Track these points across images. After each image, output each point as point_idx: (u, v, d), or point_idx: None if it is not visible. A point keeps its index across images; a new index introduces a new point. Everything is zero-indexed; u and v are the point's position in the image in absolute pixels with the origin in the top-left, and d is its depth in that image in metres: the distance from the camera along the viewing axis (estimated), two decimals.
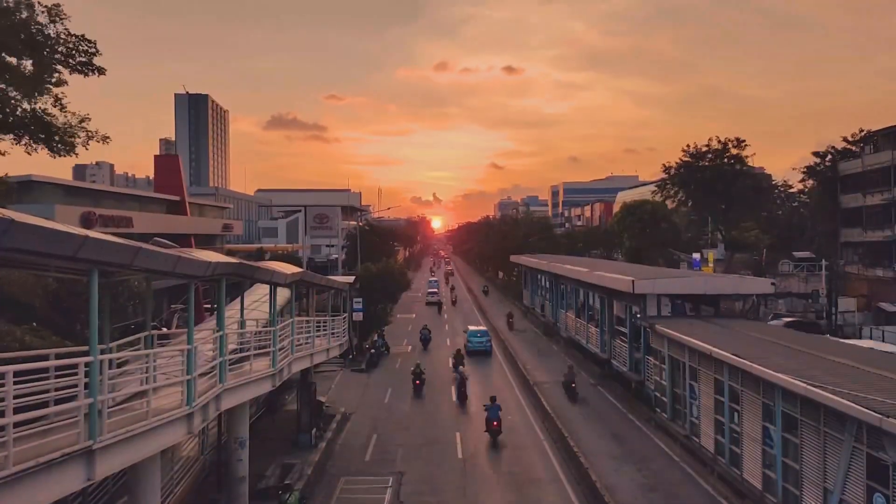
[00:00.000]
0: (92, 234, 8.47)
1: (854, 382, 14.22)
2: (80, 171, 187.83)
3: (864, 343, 32.58)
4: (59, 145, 20.10)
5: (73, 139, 20.22)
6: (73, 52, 20.03)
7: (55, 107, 20.02)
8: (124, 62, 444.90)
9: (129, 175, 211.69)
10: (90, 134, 20.61)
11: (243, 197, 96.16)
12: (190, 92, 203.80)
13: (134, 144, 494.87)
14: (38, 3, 19.38)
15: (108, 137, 21.16)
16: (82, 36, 20.18)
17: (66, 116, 20.12)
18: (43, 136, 19.82)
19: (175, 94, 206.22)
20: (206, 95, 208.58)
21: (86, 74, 20.46)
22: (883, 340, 35.19)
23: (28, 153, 20.10)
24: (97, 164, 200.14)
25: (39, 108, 19.80)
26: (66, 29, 19.72)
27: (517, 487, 19.55)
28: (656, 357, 25.55)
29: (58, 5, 19.54)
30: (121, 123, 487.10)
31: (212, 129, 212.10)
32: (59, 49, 19.83)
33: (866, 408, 12.26)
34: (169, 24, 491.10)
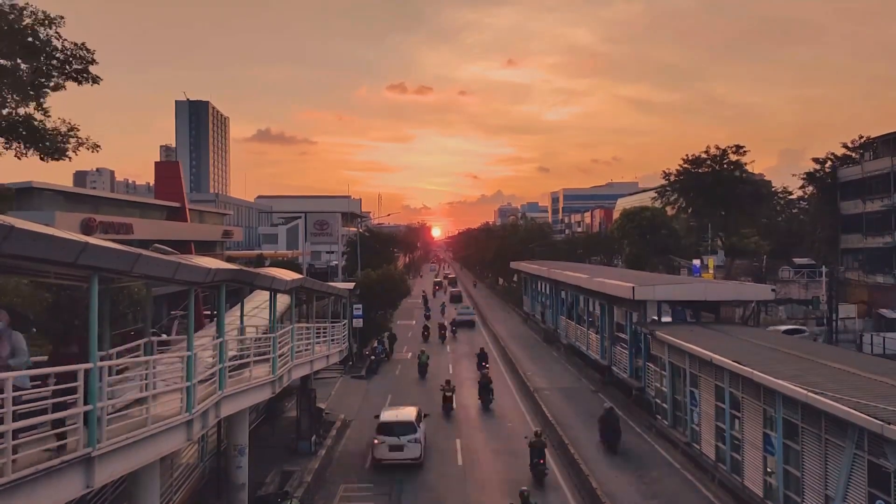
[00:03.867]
0: (92, 240, 8.47)
1: (855, 389, 14.18)
2: (80, 177, 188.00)
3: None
4: (50, 150, 20.05)
5: (63, 145, 20.17)
6: (71, 59, 20.02)
7: (37, 111, 19.94)
8: (125, 69, 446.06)
9: (130, 181, 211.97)
10: (80, 141, 20.55)
11: (243, 203, 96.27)
12: (190, 98, 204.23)
13: (134, 151, 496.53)
14: (39, 10, 19.42)
15: (98, 146, 21.06)
16: (82, 44, 20.18)
17: (52, 122, 20.09)
18: (31, 141, 19.77)
19: (175, 101, 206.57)
20: (207, 102, 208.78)
21: (79, 82, 20.44)
22: (884, 345, 35.16)
23: (18, 157, 20.07)
24: (97, 170, 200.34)
25: (24, 112, 19.75)
26: (56, 32, 19.66)
27: (517, 495, 19.43)
28: (657, 363, 25.51)
29: (60, 17, 19.58)
30: (121, 130, 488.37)
31: (212, 135, 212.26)
32: (57, 55, 19.83)
33: (868, 415, 12.22)
34: (168, 30, 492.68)
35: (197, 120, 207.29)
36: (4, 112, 19.55)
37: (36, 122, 19.75)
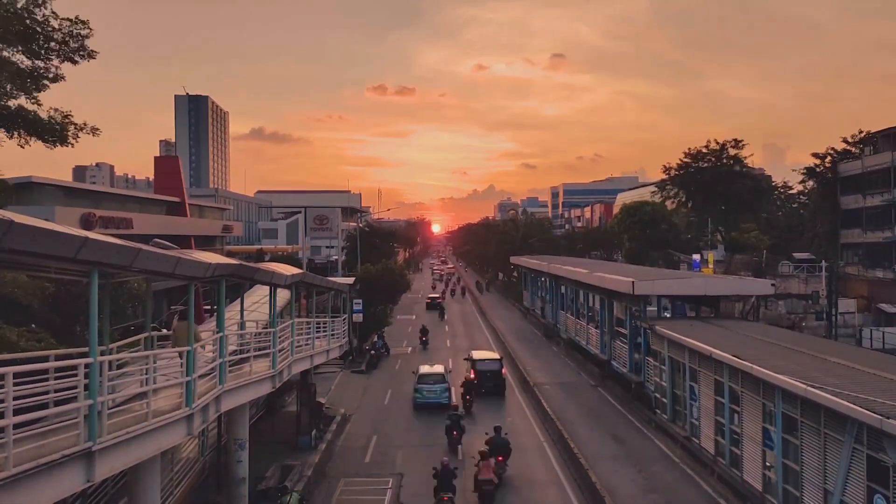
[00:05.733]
0: (92, 235, 8.46)
1: (854, 384, 14.20)
2: (80, 172, 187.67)
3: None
4: (51, 138, 20.03)
5: (64, 132, 20.15)
6: (68, 38, 19.84)
7: (28, 101, 19.85)
8: (124, 63, 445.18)
9: (129, 176, 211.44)
10: (78, 126, 20.52)
11: (243, 198, 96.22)
12: (190, 93, 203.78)
13: (134, 146, 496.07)
14: None
15: (97, 129, 21.07)
16: (76, 18, 19.93)
17: (47, 112, 20.02)
18: (32, 130, 19.75)
19: (175, 96, 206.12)
20: (206, 97, 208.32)
21: (75, 62, 20.27)
22: (883, 339, 35.23)
23: (21, 146, 20.04)
24: (97, 165, 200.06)
25: (14, 104, 19.67)
26: (53, 12, 19.44)
27: (518, 489, 19.52)
28: (656, 358, 25.54)
29: None
30: (121, 125, 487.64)
31: (212, 130, 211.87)
32: (55, 37, 19.67)
33: (867, 409, 12.23)
34: (168, 24, 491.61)
35: (196, 115, 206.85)
36: (4, 102, 19.49)
37: (30, 115, 19.70)
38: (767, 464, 16.58)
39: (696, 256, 52.71)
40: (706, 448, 20.41)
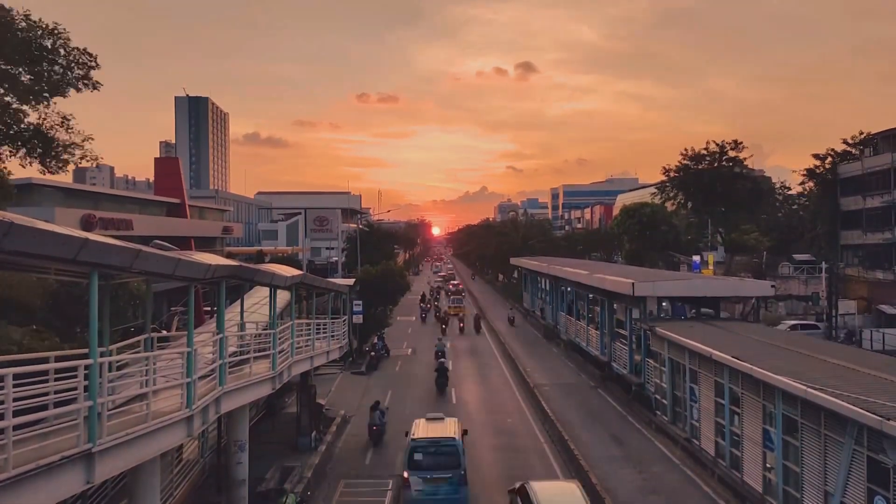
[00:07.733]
0: (92, 236, 8.47)
1: (855, 385, 14.19)
2: (80, 173, 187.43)
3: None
4: (53, 162, 20.51)
5: (67, 157, 20.69)
6: (73, 64, 20.27)
7: (62, 126, 20.53)
8: (124, 64, 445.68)
9: (130, 178, 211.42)
10: (85, 154, 21.12)
11: (243, 199, 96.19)
12: (190, 94, 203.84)
13: (134, 147, 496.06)
14: (40, 19, 19.72)
15: (99, 158, 21.86)
16: (84, 49, 20.45)
17: (70, 136, 20.60)
18: (41, 151, 20.18)
19: (175, 97, 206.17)
20: (207, 98, 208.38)
21: (79, 90, 20.78)
22: (883, 340, 35.21)
23: (22, 166, 20.52)
24: (97, 166, 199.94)
25: (38, 122, 20.17)
26: (65, 43, 20.00)
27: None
28: (656, 359, 25.53)
29: (58, 25, 19.94)
30: (121, 126, 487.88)
31: (212, 131, 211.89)
32: (59, 61, 20.08)
33: (867, 410, 12.23)
34: (168, 25, 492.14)
35: (196, 116, 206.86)
36: (9, 121, 19.81)
37: (50, 133, 20.19)
38: (768, 465, 16.57)
39: (696, 258, 52.71)
40: (706, 449, 20.39)
